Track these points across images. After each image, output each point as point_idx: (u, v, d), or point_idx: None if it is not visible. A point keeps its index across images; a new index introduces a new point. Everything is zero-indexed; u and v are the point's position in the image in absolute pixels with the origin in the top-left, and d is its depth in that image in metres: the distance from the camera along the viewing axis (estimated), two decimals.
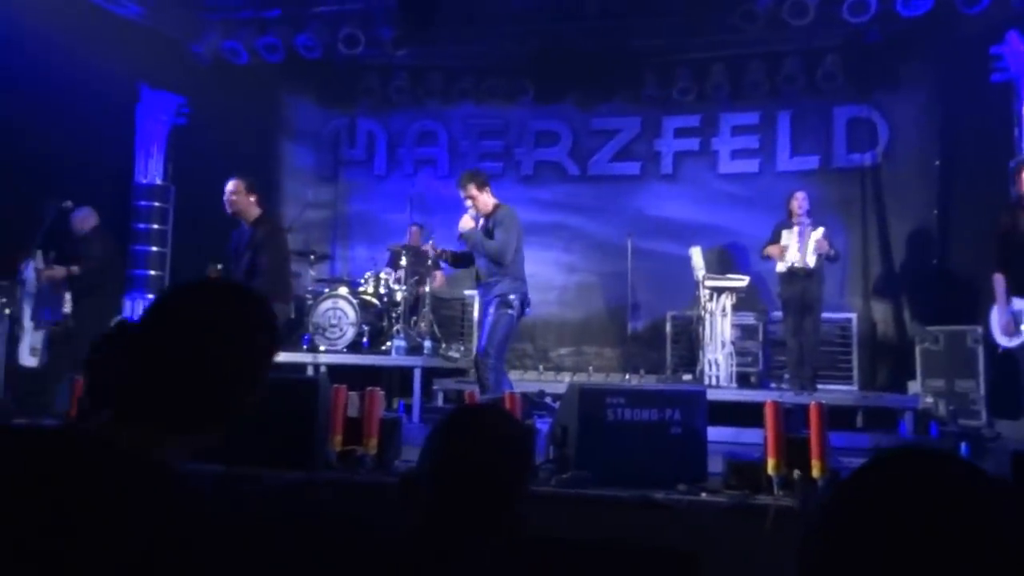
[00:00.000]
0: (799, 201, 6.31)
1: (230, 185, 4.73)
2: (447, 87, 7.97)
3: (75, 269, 5.62)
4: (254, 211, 4.77)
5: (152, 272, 6.95)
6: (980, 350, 5.69)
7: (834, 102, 7.42)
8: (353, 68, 7.97)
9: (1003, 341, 4.71)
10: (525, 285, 4.76)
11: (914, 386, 6.04)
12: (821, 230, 6.11)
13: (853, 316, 6.87)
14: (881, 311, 7.19)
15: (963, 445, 4.22)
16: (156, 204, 7.02)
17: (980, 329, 5.61)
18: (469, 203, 4.72)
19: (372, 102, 8.29)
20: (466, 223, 4.74)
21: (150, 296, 6.54)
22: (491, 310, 4.62)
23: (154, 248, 6.99)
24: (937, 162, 7.03)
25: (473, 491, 1.19)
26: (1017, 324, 4.65)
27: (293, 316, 5.80)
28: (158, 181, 7.05)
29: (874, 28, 6.78)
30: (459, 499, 1.19)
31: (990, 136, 6.31)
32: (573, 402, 3.19)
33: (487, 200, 4.74)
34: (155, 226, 6.99)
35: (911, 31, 6.76)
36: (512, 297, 4.61)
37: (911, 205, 7.15)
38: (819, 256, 6.07)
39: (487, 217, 4.72)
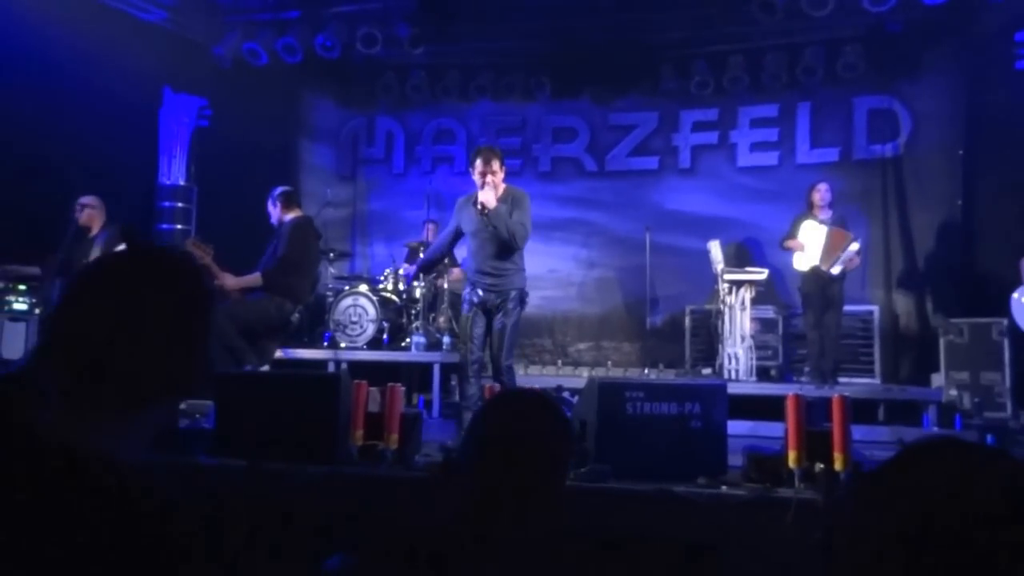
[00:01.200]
0: (821, 193, 6.23)
1: None
2: (464, 85, 7.98)
3: None
4: (287, 218, 4.95)
5: None
6: (1006, 342, 5.61)
7: (854, 92, 7.32)
8: (371, 67, 8.02)
9: None
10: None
11: (937, 379, 5.96)
12: (857, 245, 5.99)
13: (875, 308, 6.79)
14: (903, 303, 7.09)
15: (989, 438, 4.18)
16: (179, 205, 7.11)
17: (1006, 321, 5.53)
18: (489, 179, 4.20)
19: (390, 101, 8.34)
20: (492, 199, 4.17)
21: None
22: (508, 308, 4.21)
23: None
24: (961, 151, 6.91)
25: (514, 475, 1.18)
26: None
27: (295, 317, 5.48)
28: (181, 182, 7.15)
29: (895, 17, 6.66)
30: (500, 484, 1.18)
31: (1015, 124, 6.19)
32: (592, 396, 3.19)
33: (501, 180, 4.30)
34: (179, 226, 7.08)
35: (934, 19, 6.63)
36: (526, 291, 4.36)
37: (934, 196, 7.03)
38: (843, 268, 5.99)
39: (499, 199, 4.28)
